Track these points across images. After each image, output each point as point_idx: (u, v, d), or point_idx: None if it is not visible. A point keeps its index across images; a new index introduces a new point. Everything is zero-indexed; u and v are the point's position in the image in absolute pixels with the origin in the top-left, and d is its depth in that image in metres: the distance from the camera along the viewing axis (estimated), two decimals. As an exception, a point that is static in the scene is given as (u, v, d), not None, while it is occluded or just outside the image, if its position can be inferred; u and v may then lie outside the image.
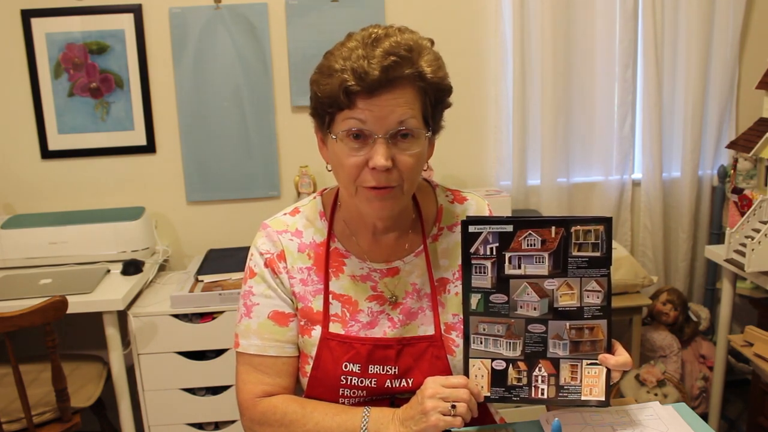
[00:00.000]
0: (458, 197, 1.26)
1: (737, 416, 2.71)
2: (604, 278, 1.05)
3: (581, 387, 1.04)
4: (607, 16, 2.61)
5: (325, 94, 1.04)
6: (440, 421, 0.99)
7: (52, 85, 2.50)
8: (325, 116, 1.07)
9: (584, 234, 1.05)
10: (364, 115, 1.02)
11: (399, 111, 1.02)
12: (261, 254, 1.18)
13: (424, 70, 1.04)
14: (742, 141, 2.38)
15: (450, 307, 1.18)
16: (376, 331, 1.15)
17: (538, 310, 1.06)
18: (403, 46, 1.02)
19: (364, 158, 1.04)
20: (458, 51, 2.59)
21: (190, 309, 2.16)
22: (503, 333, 1.08)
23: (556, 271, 1.05)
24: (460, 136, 2.66)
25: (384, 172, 1.03)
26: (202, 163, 2.60)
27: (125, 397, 2.19)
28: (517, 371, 1.07)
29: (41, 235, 2.32)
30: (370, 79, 0.99)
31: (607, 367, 1.05)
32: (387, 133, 1.02)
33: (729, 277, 2.38)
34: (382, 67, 0.99)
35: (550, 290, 1.06)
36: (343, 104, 1.02)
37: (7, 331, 1.76)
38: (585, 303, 1.06)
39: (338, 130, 1.05)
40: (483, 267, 1.07)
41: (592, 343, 1.06)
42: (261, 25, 2.52)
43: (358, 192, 1.07)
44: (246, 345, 1.16)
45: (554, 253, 1.05)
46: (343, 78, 1.00)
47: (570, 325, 1.06)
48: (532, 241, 1.05)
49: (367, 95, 1.01)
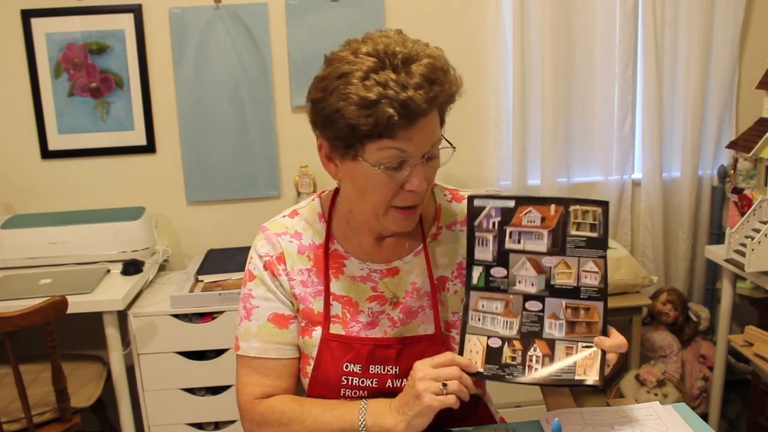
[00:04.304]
0: (456, 196, 1.26)
1: (737, 416, 2.71)
2: (601, 260, 1.07)
3: (575, 368, 1.04)
4: (607, 16, 2.61)
5: (360, 125, 0.97)
6: (434, 401, 0.98)
7: (52, 85, 2.50)
8: (353, 143, 1.02)
9: (582, 214, 1.07)
10: (404, 144, 1.00)
11: (434, 135, 1.03)
12: (260, 257, 1.18)
13: (452, 91, 1.04)
14: (742, 141, 2.38)
15: (450, 306, 1.19)
16: (376, 331, 1.16)
17: (535, 286, 1.08)
18: (437, 69, 1.00)
19: (399, 182, 1.04)
20: (458, 51, 2.57)
21: (190, 309, 2.16)
22: (501, 310, 1.09)
23: (554, 249, 1.08)
24: (460, 136, 2.63)
25: (419, 192, 1.04)
26: (202, 163, 2.60)
27: (125, 397, 2.19)
28: (512, 350, 1.07)
29: (41, 235, 2.32)
30: (418, 111, 0.97)
31: (602, 349, 1.05)
32: (424, 156, 1.03)
33: (729, 277, 2.38)
34: (428, 98, 0.98)
35: (547, 267, 1.08)
36: (384, 134, 0.99)
37: (7, 331, 1.76)
38: (582, 283, 1.07)
39: (374, 159, 1.01)
40: (485, 239, 1.10)
41: (588, 325, 1.07)
42: (261, 25, 2.51)
43: (388, 213, 1.08)
44: (246, 348, 1.16)
45: (553, 231, 1.08)
46: (387, 112, 0.95)
47: (566, 303, 1.07)
48: (532, 218, 1.08)
49: (407, 124, 0.98)
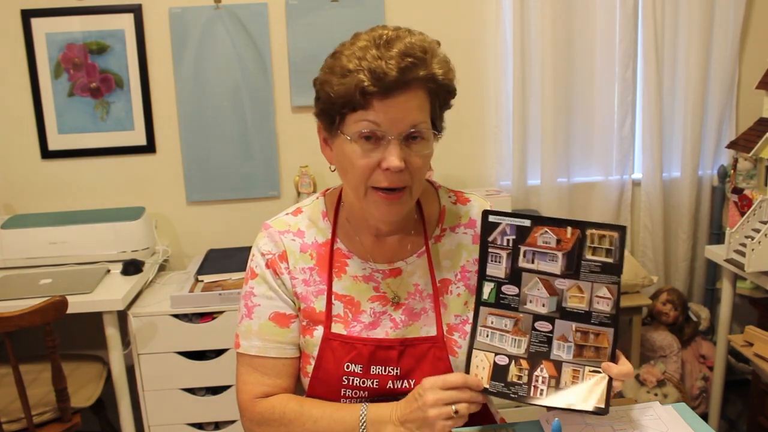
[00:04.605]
0: (461, 198, 1.26)
1: (737, 416, 2.71)
2: (615, 286, 1.05)
3: (581, 392, 1.03)
4: (607, 16, 2.61)
5: (339, 95, 1.03)
6: (446, 428, 1.01)
7: (52, 85, 2.50)
8: (335, 117, 1.07)
9: (599, 239, 1.05)
10: (378, 117, 1.02)
11: (413, 114, 1.03)
12: (262, 255, 1.17)
13: (437, 72, 1.05)
14: (742, 141, 2.38)
15: (452, 308, 1.18)
16: (378, 331, 1.16)
17: (546, 307, 1.07)
18: (417, 47, 1.02)
19: (376, 159, 1.04)
20: (458, 51, 2.55)
21: (190, 309, 2.16)
22: (510, 328, 1.08)
23: (568, 272, 1.06)
24: (460, 136, 2.66)
25: (396, 173, 1.04)
26: (202, 163, 2.60)
27: (125, 397, 2.19)
28: (518, 368, 1.07)
29: (41, 235, 2.32)
30: (388, 80, 0.99)
31: (609, 375, 1.04)
32: (401, 135, 1.03)
33: (729, 277, 2.38)
34: (399, 68, 1.00)
35: (560, 290, 1.07)
36: (358, 105, 1.02)
37: (7, 331, 1.76)
38: (594, 308, 1.06)
39: (351, 131, 1.04)
40: (498, 256, 1.09)
41: (597, 350, 1.06)
42: (261, 25, 2.51)
43: (368, 194, 1.07)
44: (247, 346, 1.16)
45: (568, 254, 1.06)
46: (359, 78, 1.00)
47: (576, 327, 1.06)
48: (547, 239, 1.07)
49: (382, 96, 1.01)
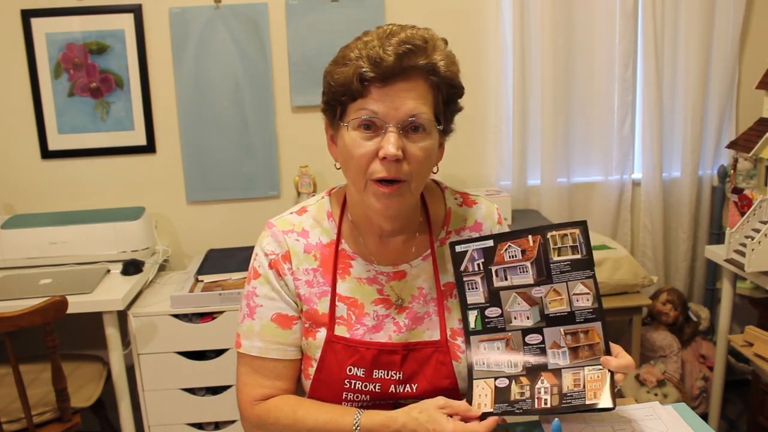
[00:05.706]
0: (468, 200, 1.24)
1: (737, 416, 2.71)
2: (590, 280, 1.06)
3: (585, 392, 1.02)
4: (607, 16, 2.61)
5: (339, 83, 1.04)
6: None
7: (52, 85, 2.50)
8: (337, 107, 1.07)
9: (561, 238, 1.07)
10: (376, 105, 1.02)
11: (411, 103, 1.02)
12: (266, 255, 1.16)
13: (438, 63, 1.05)
14: (742, 141, 2.38)
15: (456, 313, 1.16)
16: (381, 335, 1.14)
17: (531, 319, 1.08)
18: (417, 37, 1.03)
19: (374, 148, 1.03)
20: (458, 51, 2.53)
21: (190, 309, 2.16)
22: (503, 349, 1.09)
23: (541, 278, 1.08)
24: (460, 136, 2.61)
25: (394, 163, 1.02)
26: (202, 163, 2.60)
27: (125, 397, 2.19)
28: (519, 386, 1.06)
29: (41, 235, 2.32)
30: (384, 65, 1.00)
31: (609, 369, 1.04)
32: (398, 123, 1.02)
33: (729, 277, 2.38)
34: (397, 54, 1.00)
35: (538, 298, 1.08)
36: (357, 92, 1.02)
37: (7, 331, 1.76)
38: (575, 307, 1.06)
39: (350, 119, 1.05)
40: (474, 283, 1.11)
41: (590, 347, 1.06)
42: (261, 25, 2.51)
43: (368, 186, 1.06)
44: (248, 346, 1.15)
45: (536, 261, 1.08)
46: (357, 65, 1.01)
47: (564, 330, 1.07)
48: (513, 252, 1.09)
49: (380, 83, 1.01)
